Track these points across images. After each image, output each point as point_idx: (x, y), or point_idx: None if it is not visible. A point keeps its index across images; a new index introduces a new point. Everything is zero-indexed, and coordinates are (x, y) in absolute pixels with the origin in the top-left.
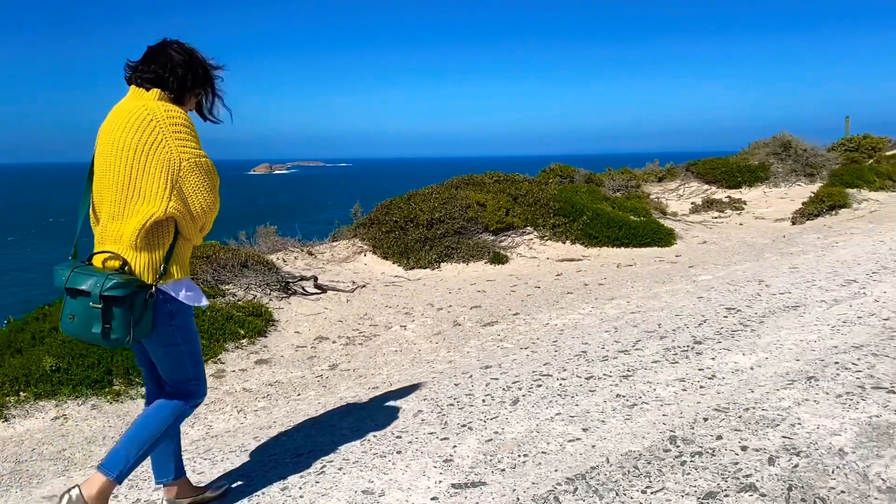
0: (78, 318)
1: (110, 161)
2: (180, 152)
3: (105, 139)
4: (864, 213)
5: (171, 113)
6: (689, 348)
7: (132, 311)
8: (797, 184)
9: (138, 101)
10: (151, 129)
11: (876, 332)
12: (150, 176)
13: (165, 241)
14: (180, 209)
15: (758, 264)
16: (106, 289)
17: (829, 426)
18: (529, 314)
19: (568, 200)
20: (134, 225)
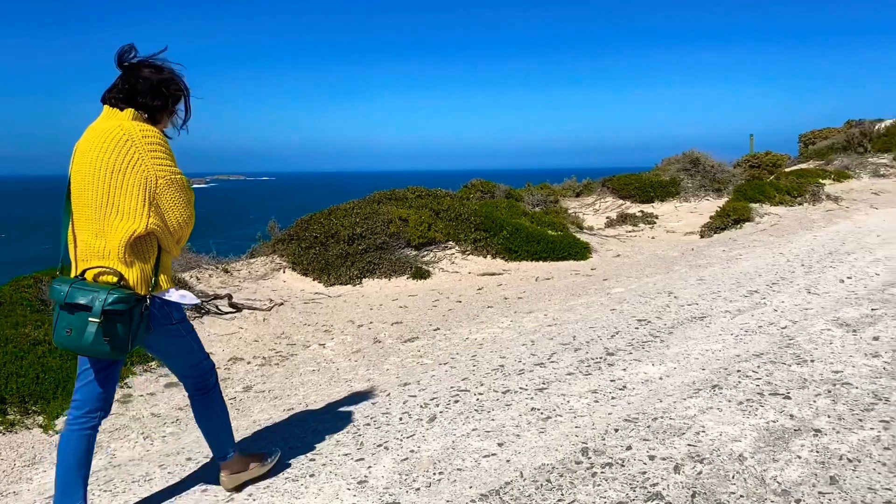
0: (76, 332)
1: (88, 180)
2: (156, 170)
3: (81, 158)
4: (765, 227)
5: (146, 132)
6: (602, 360)
7: (131, 323)
8: (706, 198)
9: (114, 122)
10: (128, 149)
11: (774, 341)
12: (127, 194)
13: (152, 254)
14: (159, 224)
15: (668, 276)
16: (108, 304)
17: (731, 433)
18: (450, 329)
19: (489, 215)
20: (118, 240)
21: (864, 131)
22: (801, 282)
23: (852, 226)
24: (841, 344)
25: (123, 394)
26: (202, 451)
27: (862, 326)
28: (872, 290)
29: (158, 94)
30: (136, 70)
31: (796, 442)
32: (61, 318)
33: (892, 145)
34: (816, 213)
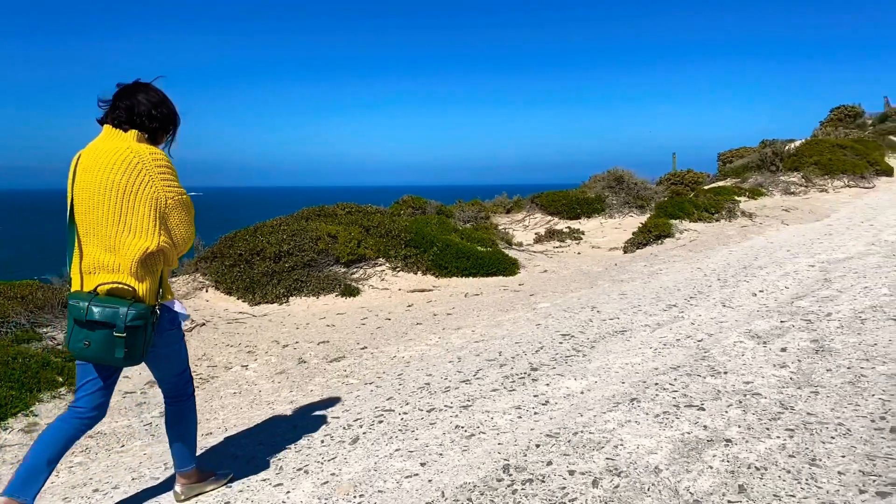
0: (95, 344)
1: (98, 199)
2: (165, 191)
3: (88, 177)
4: (685, 242)
5: (156, 155)
6: (526, 375)
7: (146, 334)
8: (629, 215)
9: (121, 143)
10: (139, 171)
11: (691, 354)
12: (139, 213)
13: (158, 268)
14: (168, 241)
15: (592, 291)
16: (129, 320)
17: (648, 445)
18: (377, 347)
19: (419, 232)
20: (130, 257)
21: (776, 151)
22: (717, 295)
23: (765, 241)
24: (752, 356)
25: (28, 423)
26: (111, 482)
27: (771, 338)
28: (782, 303)
29: (157, 117)
30: (138, 91)
31: (708, 452)
32: (77, 331)
33: (802, 164)
34: (732, 229)
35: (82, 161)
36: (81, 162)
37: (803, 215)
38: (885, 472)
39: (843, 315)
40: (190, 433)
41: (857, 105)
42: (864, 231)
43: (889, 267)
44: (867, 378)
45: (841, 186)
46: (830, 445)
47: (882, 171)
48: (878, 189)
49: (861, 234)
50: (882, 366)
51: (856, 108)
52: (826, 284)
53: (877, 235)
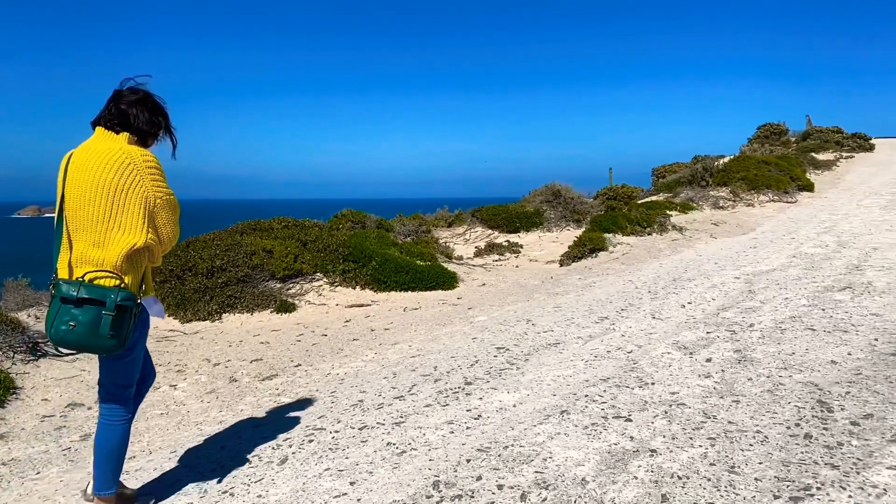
0: (81, 326)
1: (89, 196)
2: (154, 191)
3: (80, 175)
4: (618, 256)
5: (146, 157)
6: (460, 389)
7: (131, 320)
8: (567, 228)
9: (113, 144)
10: (130, 171)
11: (621, 365)
12: (129, 211)
13: (142, 264)
14: (154, 238)
15: (528, 304)
16: (121, 299)
17: (576, 457)
18: (312, 364)
19: (358, 246)
20: (117, 252)
21: (706, 167)
22: (647, 307)
23: (694, 254)
24: (679, 366)
25: None
26: None
27: (697, 349)
28: (708, 315)
29: (148, 120)
30: (127, 97)
31: (634, 463)
32: (62, 312)
33: (730, 179)
34: (663, 243)
35: (74, 160)
36: (73, 161)
37: (731, 229)
38: (798, 477)
39: (765, 325)
40: (115, 456)
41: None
42: (787, 244)
43: (808, 279)
44: (785, 386)
45: (766, 201)
46: (749, 453)
47: (804, 186)
48: (800, 203)
49: (783, 247)
50: (799, 374)
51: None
52: (750, 296)
53: (798, 248)
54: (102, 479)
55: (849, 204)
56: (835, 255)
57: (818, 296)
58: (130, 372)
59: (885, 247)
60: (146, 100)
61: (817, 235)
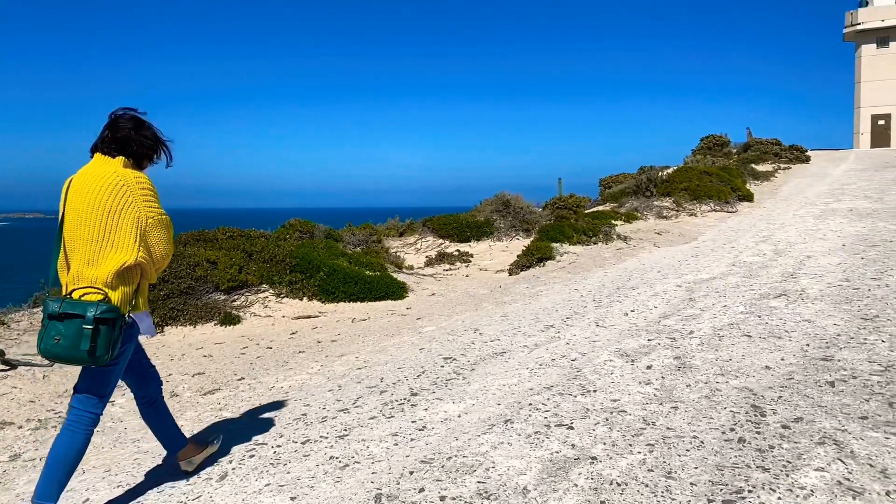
0: (65, 339)
1: (84, 217)
2: (147, 212)
3: (78, 199)
4: (564, 265)
5: (139, 179)
6: (405, 401)
7: (114, 333)
8: (516, 238)
9: (108, 168)
10: (123, 193)
11: (565, 373)
12: (122, 231)
13: (135, 279)
14: (146, 257)
15: (476, 314)
16: (99, 312)
17: (518, 466)
18: (256, 378)
19: (305, 256)
20: (108, 269)
21: (651, 177)
22: (592, 316)
23: (638, 263)
24: (620, 374)
25: None
26: None
27: (639, 356)
28: (650, 322)
29: (142, 144)
30: (123, 124)
31: (575, 471)
32: (50, 327)
33: (673, 190)
34: (608, 252)
35: (73, 184)
36: (73, 185)
37: (673, 238)
38: (732, 480)
39: (704, 332)
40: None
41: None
42: (727, 253)
43: (746, 286)
44: (721, 392)
45: (708, 211)
46: (685, 458)
47: (744, 196)
48: (740, 213)
49: (723, 256)
50: (735, 380)
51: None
52: (691, 303)
53: (737, 257)
54: (46, 488)
55: (785, 214)
56: (771, 264)
57: (755, 303)
58: (107, 382)
59: (818, 255)
60: (140, 126)
61: (755, 244)
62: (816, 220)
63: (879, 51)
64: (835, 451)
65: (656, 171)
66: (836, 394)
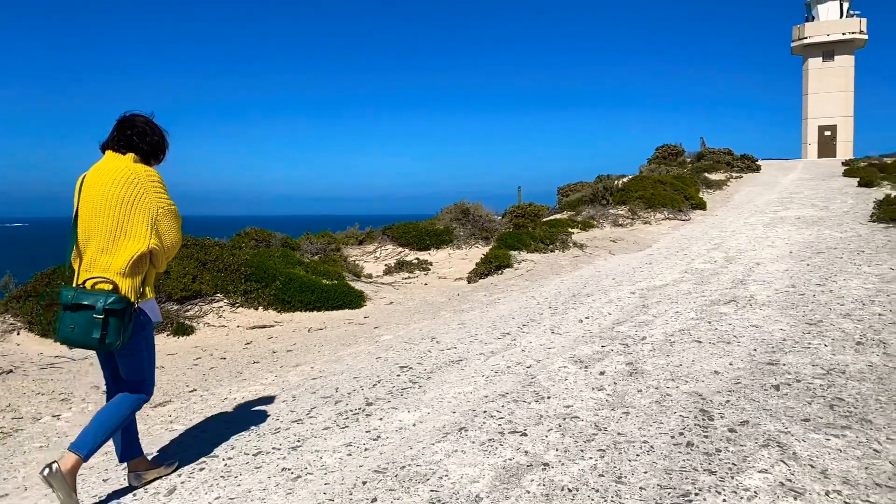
0: (78, 328)
1: (99, 209)
2: (157, 203)
3: (93, 192)
4: (522, 272)
5: (149, 173)
6: (360, 410)
7: (123, 321)
8: (476, 246)
9: (120, 163)
10: (135, 185)
11: (520, 380)
12: (135, 221)
13: (144, 269)
14: (157, 244)
15: (434, 322)
16: (108, 303)
17: (471, 474)
18: (208, 389)
19: (261, 265)
20: (125, 257)
21: (607, 186)
22: (548, 323)
23: (593, 270)
24: (574, 380)
25: None
26: None
27: (592, 362)
28: (604, 329)
29: (150, 143)
30: (133, 121)
31: (527, 477)
32: (65, 317)
33: (628, 198)
34: (565, 259)
35: (88, 179)
36: (87, 179)
37: (628, 246)
38: (679, 484)
39: (656, 338)
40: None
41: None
42: (679, 260)
43: (697, 293)
44: (671, 397)
45: (662, 219)
46: (635, 462)
47: (697, 204)
48: (693, 221)
49: (676, 263)
50: (685, 385)
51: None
52: (644, 310)
53: (689, 264)
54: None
55: (736, 221)
56: (722, 270)
57: (706, 309)
58: (139, 367)
59: (766, 261)
60: (147, 125)
61: (707, 252)
62: (766, 227)
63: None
64: (778, 453)
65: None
66: (781, 397)
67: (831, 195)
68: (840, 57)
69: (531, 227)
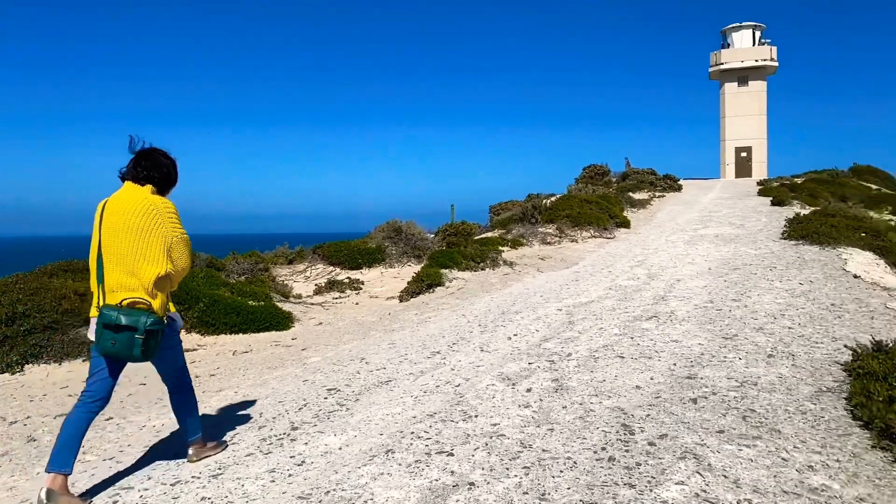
0: (119, 344)
1: (122, 235)
2: (172, 232)
3: (115, 220)
4: (453, 291)
5: (166, 204)
6: (285, 435)
7: (158, 338)
8: (408, 264)
9: (140, 194)
10: (153, 216)
11: (448, 399)
12: (153, 247)
13: (167, 288)
14: (172, 268)
15: (364, 342)
16: (149, 325)
17: (397, 497)
18: (125, 417)
19: (183, 287)
20: (148, 279)
21: (535, 205)
22: (477, 341)
23: (522, 288)
24: (501, 397)
25: None
26: None
27: (520, 380)
28: (532, 346)
29: (165, 176)
30: (153, 155)
31: (453, 498)
32: (106, 333)
33: (556, 217)
34: (495, 277)
35: (108, 206)
36: (108, 207)
37: (556, 263)
38: (601, 499)
39: (581, 354)
40: (193, 413)
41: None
42: (604, 277)
43: (621, 309)
44: (595, 412)
45: (588, 237)
46: (559, 479)
47: (621, 223)
48: (618, 239)
49: (601, 280)
50: (608, 400)
51: (603, 167)
52: (570, 326)
53: (614, 281)
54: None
55: (659, 239)
56: (645, 287)
57: (629, 325)
58: (177, 357)
59: (687, 278)
60: (165, 160)
61: (631, 269)
62: (686, 245)
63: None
64: (694, 465)
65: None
66: (698, 410)
67: (747, 213)
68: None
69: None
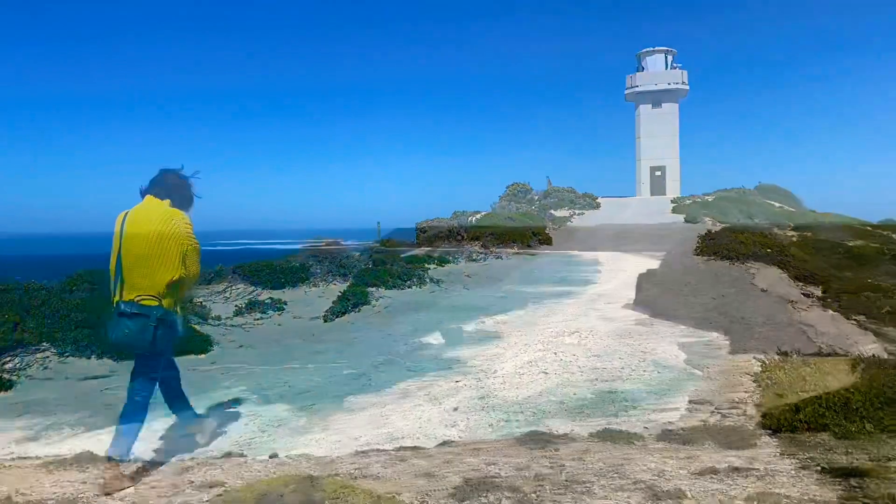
0: (132, 332)
1: (142, 244)
2: (187, 241)
3: (136, 230)
4: (380, 310)
5: (183, 217)
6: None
7: (166, 329)
8: (333, 283)
9: (160, 207)
10: (172, 227)
11: (375, 422)
12: (170, 253)
13: (177, 293)
14: (185, 274)
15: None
16: (160, 314)
17: None
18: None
19: (95, 311)
20: (162, 282)
21: (462, 223)
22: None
23: (449, 305)
24: (428, 417)
25: None
26: None
27: (447, 398)
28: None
29: (183, 194)
30: (171, 178)
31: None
32: (121, 324)
33: (481, 234)
34: (422, 295)
35: (130, 217)
36: (130, 218)
37: (482, 280)
38: None
39: (506, 371)
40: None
41: (527, 183)
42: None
43: (543, 324)
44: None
45: (512, 253)
46: None
47: (543, 240)
48: (541, 255)
49: (526, 296)
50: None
51: (526, 186)
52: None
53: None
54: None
55: (581, 255)
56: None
57: (551, 341)
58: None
59: (608, 292)
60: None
61: (554, 284)
62: (608, 260)
63: (654, 110)
64: None
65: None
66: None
67: (662, 231)
68: (666, 104)
69: (390, 263)
